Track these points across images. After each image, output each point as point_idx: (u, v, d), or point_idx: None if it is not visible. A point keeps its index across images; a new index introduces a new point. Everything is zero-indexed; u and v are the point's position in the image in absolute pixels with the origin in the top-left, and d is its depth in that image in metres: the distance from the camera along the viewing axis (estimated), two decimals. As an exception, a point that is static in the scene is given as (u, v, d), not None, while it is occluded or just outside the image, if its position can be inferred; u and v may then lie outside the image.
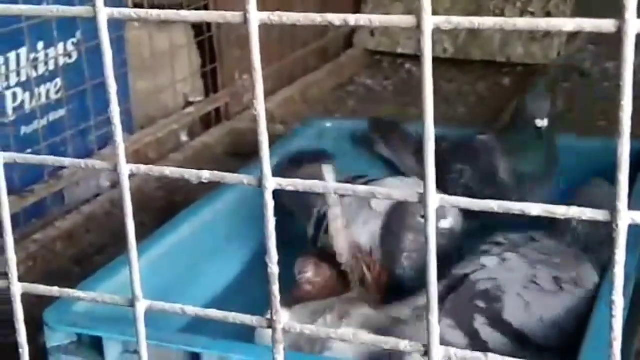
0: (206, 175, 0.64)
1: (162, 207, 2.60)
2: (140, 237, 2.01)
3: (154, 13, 0.60)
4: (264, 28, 0.59)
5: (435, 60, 3.74)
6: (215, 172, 0.64)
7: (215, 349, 1.41)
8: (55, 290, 0.71)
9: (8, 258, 0.70)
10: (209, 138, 3.06)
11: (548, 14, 3.67)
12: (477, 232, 1.81)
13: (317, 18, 0.57)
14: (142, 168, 0.66)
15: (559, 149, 2.11)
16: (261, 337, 1.57)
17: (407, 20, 0.55)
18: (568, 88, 3.35)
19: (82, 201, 2.58)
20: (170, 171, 0.66)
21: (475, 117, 3.19)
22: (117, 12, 0.61)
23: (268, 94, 3.30)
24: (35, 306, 1.54)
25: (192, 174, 0.65)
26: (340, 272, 1.77)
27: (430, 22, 0.54)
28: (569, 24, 0.52)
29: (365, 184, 1.92)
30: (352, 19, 0.57)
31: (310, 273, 1.75)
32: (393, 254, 1.80)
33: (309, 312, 1.63)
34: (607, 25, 0.51)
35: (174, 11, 0.61)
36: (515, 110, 2.19)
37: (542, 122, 2.01)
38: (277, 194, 0.62)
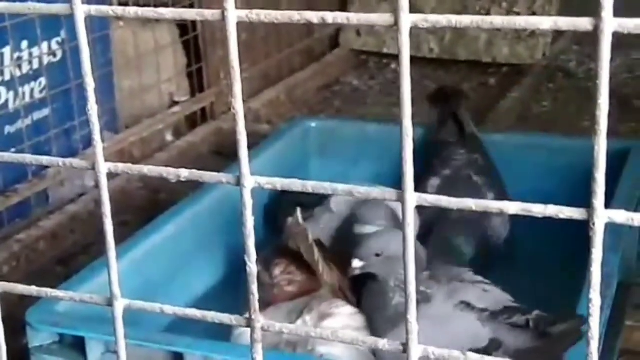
0: (185, 174, 0.64)
1: (146, 206, 2.59)
2: (123, 236, 2.01)
3: (132, 11, 0.60)
4: (250, 28, 0.59)
5: (422, 60, 3.77)
6: (194, 171, 0.63)
7: (198, 348, 1.41)
8: (33, 290, 0.71)
9: (-14, 257, 0.70)
10: (194, 137, 3.05)
11: (533, 15, 3.68)
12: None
13: (295, 16, 0.57)
14: (120, 166, 0.66)
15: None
16: (237, 338, 1.57)
17: (384, 18, 0.55)
18: (553, 89, 3.37)
19: (66, 201, 2.57)
20: (148, 169, 0.65)
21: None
22: (95, 9, 0.61)
23: (254, 93, 3.30)
24: (17, 306, 1.54)
25: (171, 173, 0.64)
26: (309, 269, 1.75)
27: (407, 20, 0.54)
28: (546, 22, 0.52)
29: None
30: (330, 16, 0.57)
31: (292, 273, 1.74)
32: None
33: (284, 314, 1.62)
34: (583, 23, 0.51)
35: (152, 9, 0.60)
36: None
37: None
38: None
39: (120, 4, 2.95)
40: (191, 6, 3.04)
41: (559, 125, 3.00)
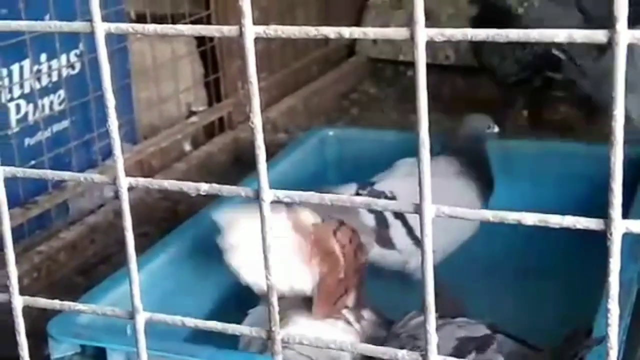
0: (204, 187, 0.64)
1: (166, 217, 2.60)
2: (143, 247, 2.02)
3: (151, 28, 0.61)
4: (266, 37, 0.59)
5: (437, 67, 3.76)
6: (213, 185, 0.64)
7: (219, 359, 1.42)
8: (56, 303, 0.72)
9: (9, 271, 0.71)
10: (212, 147, 3.06)
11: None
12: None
13: (312, 31, 0.58)
14: (141, 181, 0.66)
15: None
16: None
17: (401, 32, 0.56)
18: (568, 95, 3.35)
19: (86, 212, 2.58)
20: (169, 184, 0.66)
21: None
22: (114, 27, 0.62)
23: (271, 102, 3.31)
24: (39, 318, 1.55)
25: (191, 187, 0.65)
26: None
27: (423, 34, 0.55)
28: (562, 35, 0.53)
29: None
30: (347, 31, 0.57)
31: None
32: None
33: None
34: (598, 35, 0.51)
35: (171, 26, 0.61)
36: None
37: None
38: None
39: (137, 16, 2.97)
40: (208, 17, 3.06)
41: (574, 131, 2.99)
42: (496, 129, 2.21)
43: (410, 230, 1.99)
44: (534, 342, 1.53)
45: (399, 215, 1.98)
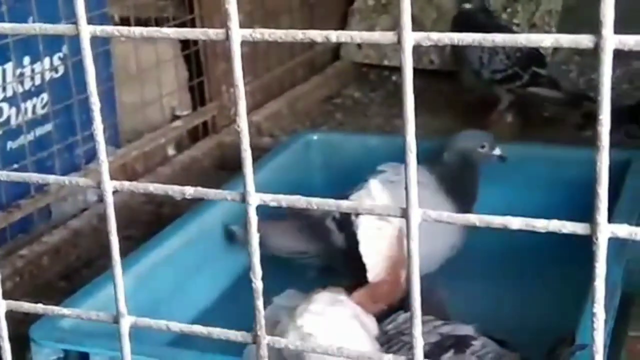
0: (190, 191, 0.64)
1: (150, 220, 2.59)
2: (128, 251, 2.02)
3: (137, 31, 0.61)
4: (251, 41, 0.59)
5: (422, 72, 3.78)
6: (199, 189, 0.64)
7: (202, 363, 1.41)
8: (39, 307, 0.71)
9: (-8, 275, 0.70)
10: (196, 151, 3.06)
11: (533, 25, 3.69)
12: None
13: (298, 35, 0.58)
14: (126, 185, 0.66)
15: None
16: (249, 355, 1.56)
17: (388, 36, 0.56)
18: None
19: (69, 216, 2.57)
20: (154, 187, 0.66)
21: (461, 129, 3.19)
22: (100, 30, 0.61)
23: (256, 106, 3.31)
24: (21, 322, 1.54)
25: (176, 190, 0.65)
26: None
27: (410, 38, 0.55)
28: (548, 40, 0.53)
29: None
30: (334, 35, 0.57)
31: None
32: None
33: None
34: (584, 40, 0.51)
35: (156, 28, 0.61)
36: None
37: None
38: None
39: (121, 20, 2.96)
40: (192, 20, 3.05)
41: (561, 135, 3.00)
42: (496, 151, 2.14)
43: None
44: (514, 343, 1.54)
45: None
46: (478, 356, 1.49)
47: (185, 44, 3.07)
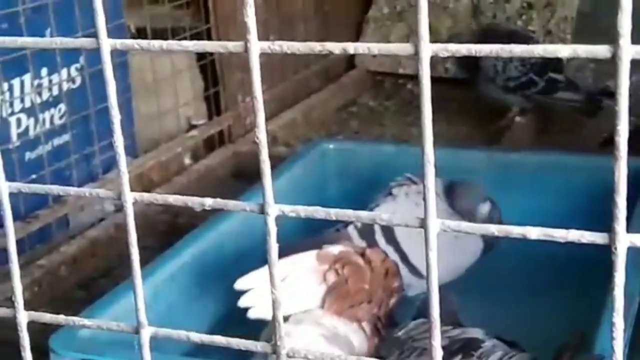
0: (209, 202, 0.64)
1: (166, 230, 2.60)
2: (144, 260, 2.02)
3: (156, 44, 0.61)
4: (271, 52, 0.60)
5: (437, 80, 3.80)
6: (218, 200, 0.64)
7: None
8: (61, 318, 0.72)
9: (14, 286, 0.71)
10: (212, 161, 3.07)
11: (548, 32, 3.69)
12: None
13: (316, 47, 0.58)
14: (146, 196, 0.67)
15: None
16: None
17: (405, 48, 0.56)
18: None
19: (86, 226, 2.58)
20: (173, 199, 0.66)
21: (476, 137, 3.20)
22: (120, 43, 0.62)
23: (271, 116, 3.32)
24: (39, 332, 1.55)
25: (195, 202, 0.65)
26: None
27: (428, 49, 0.55)
28: (564, 50, 0.53)
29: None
30: (351, 47, 0.58)
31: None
32: None
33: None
34: (601, 51, 0.52)
35: (176, 42, 0.62)
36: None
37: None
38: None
39: (137, 30, 2.98)
40: (208, 30, 3.07)
41: (575, 143, 3.00)
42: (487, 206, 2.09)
43: (404, 257, 1.96)
44: (525, 346, 1.53)
45: (391, 242, 1.97)
46: (485, 357, 1.48)
47: (201, 54, 3.08)
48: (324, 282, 1.67)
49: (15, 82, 2.42)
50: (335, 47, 0.58)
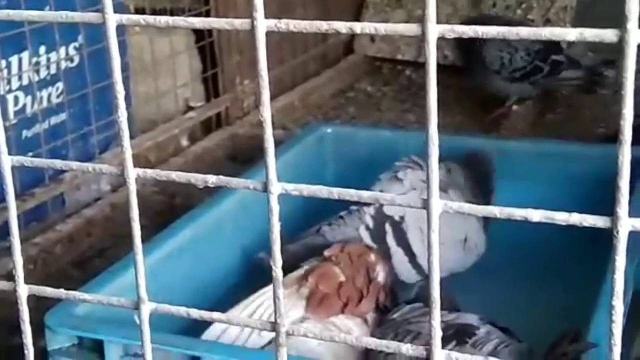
0: (212, 179, 0.65)
1: (161, 210, 2.60)
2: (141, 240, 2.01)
3: (162, 20, 0.61)
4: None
5: (436, 66, 3.79)
6: (221, 177, 0.64)
7: (216, 352, 1.42)
8: (62, 292, 0.72)
9: (14, 260, 0.71)
10: (209, 143, 3.07)
11: (548, 21, 3.68)
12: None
13: (323, 26, 0.58)
14: (149, 172, 0.67)
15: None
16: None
17: (412, 28, 0.56)
18: (566, 95, 3.37)
19: (82, 205, 2.58)
20: (177, 175, 0.66)
21: (473, 124, 3.20)
22: (126, 18, 0.62)
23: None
24: (34, 310, 1.55)
25: (198, 179, 0.65)
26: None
27: (435, 30, 0.55)
28: (572, 34, 0.53)
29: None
30: (358, 27, 0.58)
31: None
32: None
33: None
34: (608, 35, 0.52)
35: (182, 18, 0.62)
36: None
37: None
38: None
39: (136, 10, 2.97)
40: (207, 12, 3.06)
41: (573, 132, 3.00)
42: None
43: (413, 258, 1.93)
44: (519, 332, 1.54)
45: (401, 243, 1.93)
46: (480, 345, 1.49)
47: (199, 35, 3.08)
48: (302, 299, 1.68)
49: (14, 59, 2.41)
50: (342, 27, 0.58)
